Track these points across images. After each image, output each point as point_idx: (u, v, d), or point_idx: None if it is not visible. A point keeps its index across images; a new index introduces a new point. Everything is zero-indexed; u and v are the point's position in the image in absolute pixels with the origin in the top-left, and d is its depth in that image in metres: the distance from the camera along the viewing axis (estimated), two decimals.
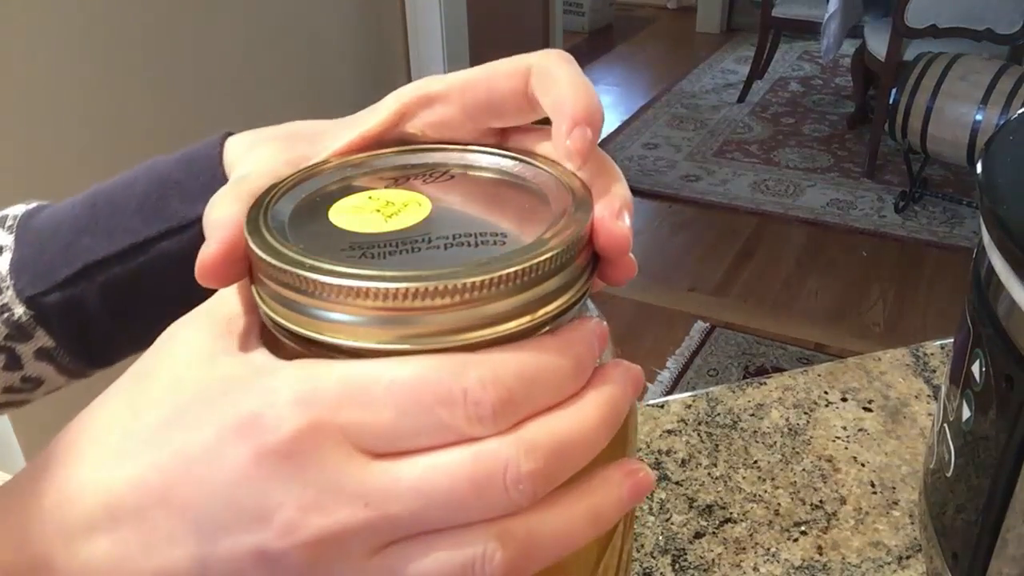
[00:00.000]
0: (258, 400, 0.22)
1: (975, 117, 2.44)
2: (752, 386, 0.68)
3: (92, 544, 0.23)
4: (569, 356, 0.23)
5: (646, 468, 0.25)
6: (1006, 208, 0.37)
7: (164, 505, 0.22)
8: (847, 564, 0.53)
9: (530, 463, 0.22)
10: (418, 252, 0.24)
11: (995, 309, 0.38)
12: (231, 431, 0.22)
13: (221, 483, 0.22)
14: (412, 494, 0.21)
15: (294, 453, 0.21)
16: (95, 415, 0.25)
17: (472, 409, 0.21)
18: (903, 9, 2.78)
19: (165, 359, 0.25)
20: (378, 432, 0.22)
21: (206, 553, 0.22)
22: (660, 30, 4.92)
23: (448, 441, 0.22)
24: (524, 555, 0.22)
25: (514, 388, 0.22)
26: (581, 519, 0.23)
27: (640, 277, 2.23)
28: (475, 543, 0.22)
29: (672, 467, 0.61)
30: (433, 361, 0.22)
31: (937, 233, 2.79)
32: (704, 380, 2.17)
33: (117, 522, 0.23)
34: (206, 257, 0.25)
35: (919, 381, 0.68)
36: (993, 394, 0.38)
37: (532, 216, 0.25)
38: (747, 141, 3.48)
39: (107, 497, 0.23)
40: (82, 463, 0.24)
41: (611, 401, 0.24)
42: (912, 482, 0.59)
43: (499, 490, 0.21)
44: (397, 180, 0.28)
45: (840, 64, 4.07)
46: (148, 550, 0.23)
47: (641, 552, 0.55)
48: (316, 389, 0.22)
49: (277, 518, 0.21)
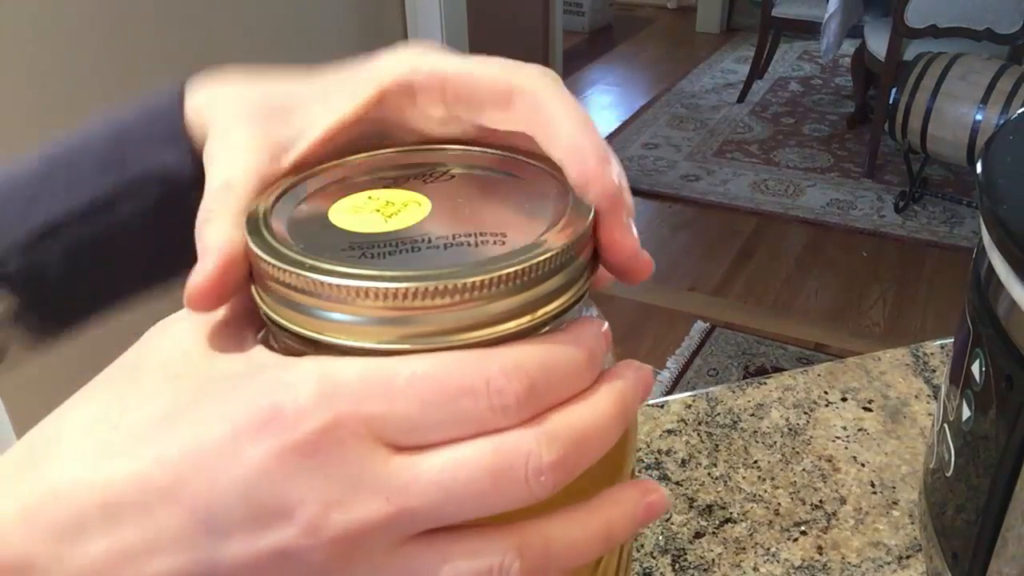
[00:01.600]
0: (278, 395, 0.22)
1: (975, 117, 2.44)
2: (752, 386, 0.68)
3: (86, 545, 0.22)
4: (583, 349, 0.23)
5: (662, 490, 0.25)
6: (1006, 208, 0.37)
7: (171, 502, 0.22)
8: (847, 564, 0.53)
9: (551, 454, 0.22)
10: (418, 252, 0.24)
11: (995, 309, 0.38)
12: (250, 426, 0.21)
13: (237, 480, 0.21)
14: (433, 488, 0.21)
15: (319, 449, 0.21)
16: (79, 409, 0.24)
17: (496, 399, 0.21)
18: (903, 9, 2.78)
19: (156, 353, 0.25)
20: (401, 424, 0.21)
21: (216, 552, 0.22)
22: (660, 30, 4.92)
23: (470, 433, 0.22)
24: (540, 566, 0.22)
25: (536, 378, 0.22)
26: (595, 534, 0.23)
27: None
28: (494, 552, 0.22)
29: (672, 467, 0.61)
30: (453, 354, 0.22)
31: (937, 233, 2.79)
32: (704, 380, 2.17)
33: (116, 521, 0.22)
34: (202, 282, 0.24)
35: (919, 381, 0.68)
36: (993, 394, 0.38)
37: (532, 216, 0.25)
38: (747, 141, 3.48)
39: (103, 495, 0.22)
40: (69, 458, 0.23)
41: (623, 395, 0.24)
42: (912, 482, 0.59)
43: (520, 482, 0.21)
44: (397, 180, 0.28)
45: (840, 64, 4.07)
46: (151, 550, 0.22)
47: (641, 552, 0.55)
48: (338, 383, 0.21)
49: (300, 515, 0.21)
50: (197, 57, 1.75)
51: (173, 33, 1.70)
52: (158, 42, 1.67)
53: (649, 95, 3.98)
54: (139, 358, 0.25)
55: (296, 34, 1.99)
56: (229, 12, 1.81)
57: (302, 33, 2.01)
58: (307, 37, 2.02)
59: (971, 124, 2.45)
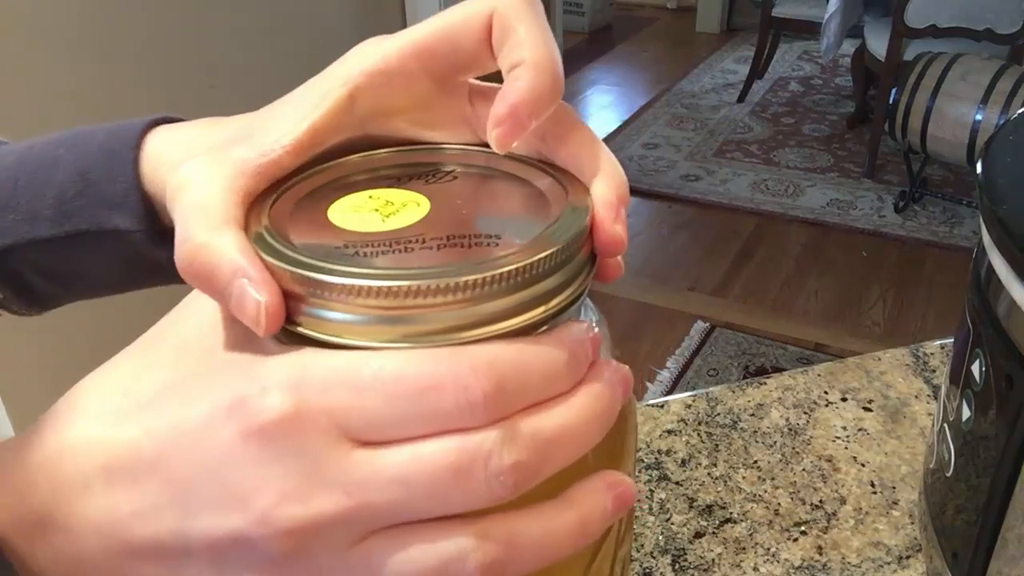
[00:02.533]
0: (250, 381, 0.22)
1: (975, 117, 2.44)
2: (752, 386, 0.68)
3: (88, 501, 0.23)
4: (563, 352, 0.23)
5: (628, 480, 0.25)
6: (1006, 208, 0.37)
7: (154, 473, 0.22)
8: (847, 564, 0.53)
9: (513, 456, 0.21)
10: (411, 252, 0.24)
11: (995, 309, 0.38)
12: (222, 409, 0.22)
13: (207, 460, 0.22)
14: (393, 483, 0.21)
15: (277, 437, 0.21)
16: (103, 374, 0.25)
17: (463, 396, 0.21)
18: (903, 9, 2.78)
19: (176, 327, 0.25)
20: (365, 419, 0.21)
21: (188, 528, 0.22)
22: (660, 30, 4.92)
23: (436, 430, 0.21)
24: (503, 559, 0.22)
25: (506, 379, 0.22)
26: (565, 529, 0.23)
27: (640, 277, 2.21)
28: (453, 542, 0.22)
29: (672, 467, 0.61)
30: (424, 351, 0.22)
31: (937, 233, 2.79)
32: (704, 380, 2.17)
33: (112, 483, 0.23)
34: (266, 315, 0.22)
35: (919, 381, 0.68)
36: (993, 394, 0.38)
37: (531, 216, 0.25)
38: (747, 141, 3.48)
39: (104, 457, 0.23)
40: (84, 419, 0.24)
41: (601, 399, 0.23)
42: (912, 482, 0.59)
43: (480, 481, 0.21)
44: (400, 179, 0.28)
45: (840, 64, 4.07)
46: (136, 517, 0.23)
47: (641, 552, 0.55)
48: (306, 374, 0.22)
49: (254, 504, 0.21)
50: (196, 58, 1.75)
51: (169, 34, 1.70)
52: (152, 46, 1.67)
53: (649, 95, 3.98)
54: (162, 331, 0.26)
55: (295, 35, 1.99)
56: (226, 12, 1.81)
57: (300, 33, 2.01)
58: (305, 37, 2.02)
59: (971, 124, 2.45)
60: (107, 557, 0.23)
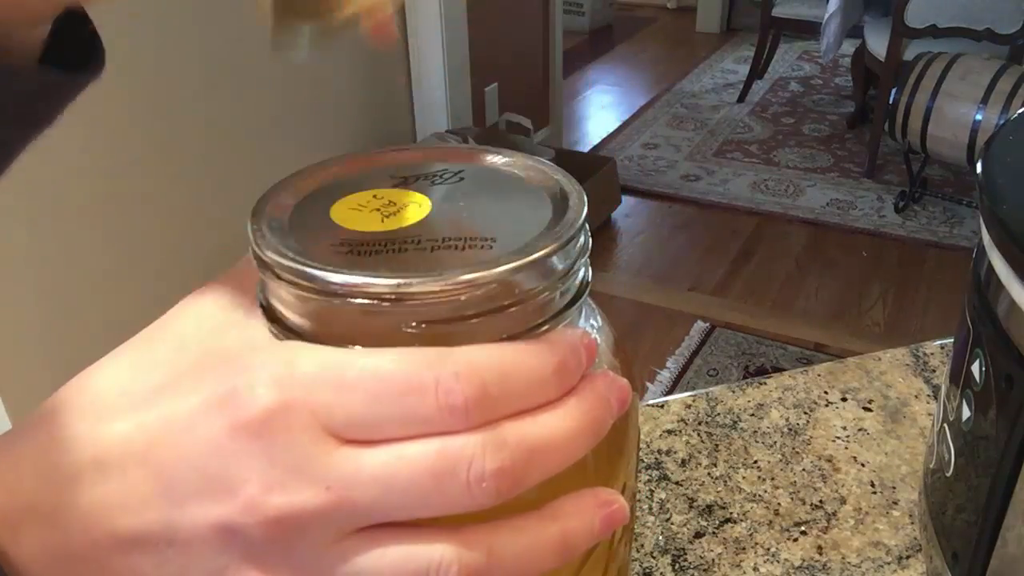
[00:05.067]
0: (240, 376, 0.22)
1: (975, 117, 2.44)
2: (752, 386, 0.68)
3: (76, 493, 0.23)
4: (551, 359, 0.23)
5: (621, 500, 0.24)
6: (1006, 208, 0.37)
7: (143, 465, 0.23)
8: (847, 564, 0.53)
9: (495, 462, 0.21)
10: (404, 253, 0.24)
11: (995, 309, 0.38)
12: (212, 403, 0.22)
13: (196, 452, 0.22)
14: (373, 482, 0.21)
15: (263, 431, 0.21)
16: (100, 371, 0.25)
17: (444, 399, 0.21)
18: (903, 9, 2.78)
19: (174, 325, 0.25)
20: (348, 417, 0.22)
21: (175, 519, 0.22)
22: (660, 30, 4.92)
23: (418, 432, 0.21)
24: (483, 571, 0.22)
25: (490, 383, 0.22)
26: (547, 543, 0.23)
27: (640, 277, 2.21)
28: (434, 549, 0.22)
29: (672, 467, 0.61)
30: (412, 351, 0.22)
31: (937, 233, 2.79)
32: (704, 380, 2.17)
33: (103, 476, 0.23)
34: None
35: (919, 381, 0.68)
36: (993, 394, 0.38)
37: (530, 220, 0.25)
38: (747, 141, 3.48)
39: (95, 451, 0.23)
40: (79, 415, 0.24)
41: (592, 411, 0.23)
42: (912, 482, 0.59)
43: (461, 486, 0.21)
44: (407, 180, 0.28)
45: (840, 64, 4.07)
46: (124, 508, 0.23)
47: (641, 552, 0.55)
48: (295, 371, 0.22)
49: (242, 493, 0.22)
50: (196, 58, 1.75)
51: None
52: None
53: (649, 95, 3.98)
54: (161, 328, 0.26)
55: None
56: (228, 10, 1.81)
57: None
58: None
59: (971, 124, 2.45)
60: (93, 549, 0.23)
